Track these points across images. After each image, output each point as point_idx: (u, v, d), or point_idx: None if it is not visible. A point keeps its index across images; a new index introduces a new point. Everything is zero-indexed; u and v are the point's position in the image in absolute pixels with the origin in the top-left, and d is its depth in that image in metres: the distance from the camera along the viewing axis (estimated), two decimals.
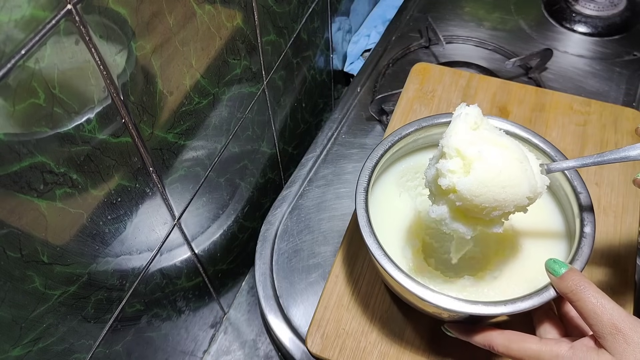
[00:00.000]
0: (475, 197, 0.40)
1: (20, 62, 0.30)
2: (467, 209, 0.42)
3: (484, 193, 0.40)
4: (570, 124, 0.65)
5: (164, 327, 0.57)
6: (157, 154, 0.47)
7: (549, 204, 0.53)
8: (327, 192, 0.69)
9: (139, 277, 0.49)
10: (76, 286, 0.40)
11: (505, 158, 0.41)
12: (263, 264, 0.63)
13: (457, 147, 0.41)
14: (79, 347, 0.43)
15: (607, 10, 0.89)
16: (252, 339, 0.71)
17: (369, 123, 0.76)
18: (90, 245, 0.41)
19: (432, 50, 0.86)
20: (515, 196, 0.41)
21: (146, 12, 0.40)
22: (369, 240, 0.46)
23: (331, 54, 0.89)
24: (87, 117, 0.36)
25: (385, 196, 0.54)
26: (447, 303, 0.43)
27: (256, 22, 0.58)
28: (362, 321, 0.53)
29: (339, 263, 0.57)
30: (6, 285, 0.34)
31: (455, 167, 0.41)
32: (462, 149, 0.41)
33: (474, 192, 0.40)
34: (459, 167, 0.41)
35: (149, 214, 0.48)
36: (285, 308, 0.60)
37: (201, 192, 0.57)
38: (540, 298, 0.42)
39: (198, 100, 0.51)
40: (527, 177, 0.41)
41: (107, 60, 0.37)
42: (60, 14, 0.32)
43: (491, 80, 0.70)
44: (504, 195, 0.40)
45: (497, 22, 0.89)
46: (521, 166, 0.41)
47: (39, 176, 0.34)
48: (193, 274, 0.61)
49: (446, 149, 0.42)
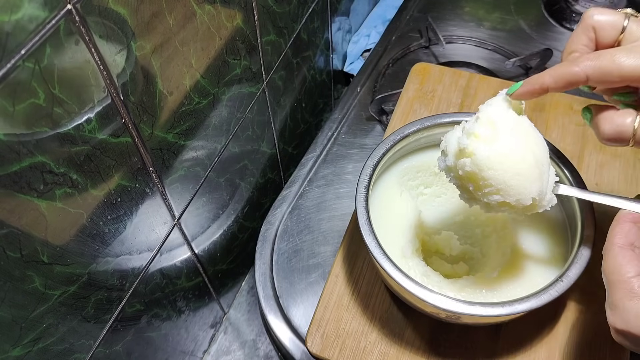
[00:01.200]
0: (488, 170, 0.39)
1: (20, 62, 0.30)
2: (469, 180, 0.41)
3: (497, 170, 0.39)
4: (570, 124, 0.65)
5: (164, 327, 0.57)
6: (157, 154, 0.47)
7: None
8: (327, 192, 0.69)
9: (139, 277, 0.49)
10: (76, 286, 0.40)
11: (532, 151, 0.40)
12: (263, 264, 0.63)
13: (493, 117, 0.40)
14: (79, 347, 0.43)
15: None
16: (252, 339, 0.71)
17: (369, 123, 0.76)
18: (90, 245, 0.41)
19: (432, 50, 0.86)
20: (523, 190, 0.40)
21: (146, 12, 0.40)
22: (369, 240, 0.46)
23: (331, 54, 0.89)
24: (87, 117, 0.37)
25: (386, 195, 0.54)
26: (445, 303, 0.43)
27: (256, 22, 0.58)
28: (362, 321, 0.53)
29: (339, 263, 0.57)
30: (6, 285, 0.34)
31: (483, 133, 0.40)
32: (496, 120, 0.40)
33: (489, 164, 0.39)
34: (486, 136, 0.40)
35: (149, 214, 0.48)
36: (285, 308, 0.60)
37: (201, 192, 0.57)
38: (538, 300, 0.43)
39: (198, 100, 0.51)
40: (542, 181, 0.41)
41: (107, 60, 0.37)
42: (60, 14, 0.32)
43: (491, 80, 0.70)
44: (514, 183, 0.39)
45: (497, 22, 0.89)
46: (541, 168, 0.41)
47: (39, 176, 0.34)
48: (193, 274, 0.61)
49: (481, 114, 0.41)
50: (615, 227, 0.39)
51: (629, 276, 0.36)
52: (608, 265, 0.37)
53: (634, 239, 0.38)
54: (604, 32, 0.39)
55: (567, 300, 0.53)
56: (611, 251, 0.38)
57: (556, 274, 0.45)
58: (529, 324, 0.52)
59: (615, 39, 0.39)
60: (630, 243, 0.38)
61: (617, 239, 0.38)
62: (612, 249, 0.38)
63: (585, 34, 0.40)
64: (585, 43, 0.40)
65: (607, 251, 0.38)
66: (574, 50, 0.40)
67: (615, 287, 0.36)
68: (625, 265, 0.36)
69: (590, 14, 0.39)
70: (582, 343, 0.51)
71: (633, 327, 0.35)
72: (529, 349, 0.51)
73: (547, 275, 0.48)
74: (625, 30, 0.38)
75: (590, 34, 0.40)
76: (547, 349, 0.51)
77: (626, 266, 0.36)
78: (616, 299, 0.36)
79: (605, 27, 0.39)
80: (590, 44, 0.40)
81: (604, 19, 0.39)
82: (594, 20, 0.39)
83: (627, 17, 0.38)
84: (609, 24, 0.39)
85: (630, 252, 0.37)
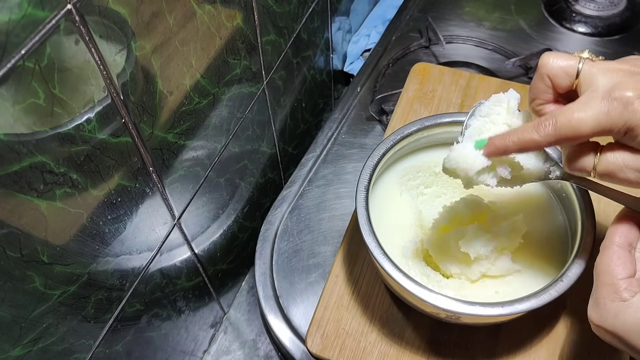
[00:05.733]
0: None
1: (20, 62, 0.30)
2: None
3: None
4: None
5: (164, 327, 0.57)
6: (157, 154, 0.47)
7: (549, 206, 0.54)
8: (327, 192, 0.69)
9: (139, 277, 0.49)
10: (76, 286, 0.40)
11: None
12: (263, 264, 0.63)
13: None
14: (79, 347, 0.43)
15: (607, 10, 0.89)
16: (252, 339, 0.71)
17: (369, 123, 0.76)
18: (90, 245, 0.41)
19: (432, 50, 0.86)
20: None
21: (146, 12, 0.40)
22: (368, 239, 0.46)
23: (331, 54, 0.89)
24: (87, 117, 0.37)
25: (386, 195, 0.54)
26: (445, 303, 0.43)
27: (256, 22, 0.58)
28: (362, 321, 0.53)
29: (339, 263, 0.57)
30: (6, 285, 0.34)
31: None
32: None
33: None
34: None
35: (149, 214, 0.48)
36: (285, 308, 0.60)
37: (201, 192, 0.57)
38: (538, 300, 0.43)
39: (198, 100, 0.51)
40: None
41: (107, 60, 0.37)
42: (60, 14, 0.32)
43: (491, 80, 0.70)
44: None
45: (497, 22, 0.89)
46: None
47: (39, 176, 0.34)
48: (193, 273, 0.61)
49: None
50: (617, 225, 0.39)
51: (619, 278, 0.37)
52: (601, 262, 0.38)
53: (633, 240, 0.39)
54: (558, 80, 0.39)
55: (567, 300, 0.53)
56: (609, 249, 0.38)
57: (556, 274, 0.45)
58: (529, 324, 0.52)
59: (570, 84, 0.39)
60: (628, 243, 0.38)
61: (617, 238, 0.38)
62: (610, 247, 0.38)
63: (542, 82, 0.40)
64: (544, 90, 0.40)
65: (605, 248, 0.38)
66: (535, 97, 0.41)
67: (602, 286, 0.37)
68: (617, 266, 0.37)
69: (544, 62, 0.40)
70: (582, 343, 0.51)
71: (609, 325, 0.36)
72: (529, 349, 0.51)
73: (547, 275, 0.48)
74: (580, 75, 0.38)
75: (546, 81, 0.40)
76: (547, 349, 0.51)
77: (618, 267, 0.37)
78: (600, 297, 0.37)
79: (559, 74, 0.39)
80: (548, 90, 0.40)
81: (557, 66, 0.39)
82: (548, 69, 0.39)
83: (581, 61, 0.38)
84: (563, 70, 0.39)
85: (626, 253, 0.38)
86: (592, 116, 0.35)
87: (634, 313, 0.35)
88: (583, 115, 0.36)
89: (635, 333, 0.35)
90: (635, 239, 0.39)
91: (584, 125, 0.36)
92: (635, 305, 0.35)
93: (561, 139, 0.37)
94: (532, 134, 0.38)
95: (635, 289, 0.36)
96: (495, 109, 0.43)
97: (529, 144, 0.38)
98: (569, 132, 0.36)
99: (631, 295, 0.36)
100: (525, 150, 0.40)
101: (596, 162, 0.37)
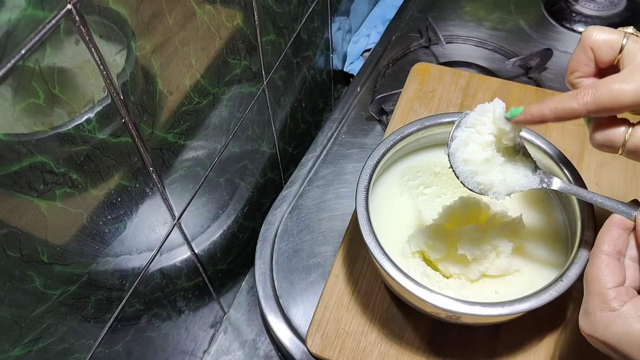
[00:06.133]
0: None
1: (20, 62, 0.30)
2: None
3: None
4: (571, 124, 0.65)
5: (164, 327, 0.57)
6: (157, 154, 0.47)
7: (549, 205, 0.54)
8: (327, 192, 0.69)
9: (139, 277, 0.49)
10: (76, 286, 0.40)
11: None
12: (263, 263, 0.63)
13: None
14: (79, 347, 0.43)
15: (607, 10, 0.89)
16: (252, 339, 0.71)
17: (369, 123, 0.76)
18: (90, 245, 0.41)
19: (432, 50, 0.86)
20: None
21: (146, 12, 0.40)
22: (368, 239, 0.46)
23: (331, 54, 0.89)
24: (87, 117, 0.37)
25: (386, 195, 0.54)
26: (445, 303, 0.43)
27: (256, 22, 0.58)
28: (362, 321, 0.53)
29: (339, 263, 0.57)
30: (6, 285, 0.34)
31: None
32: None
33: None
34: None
35: (149, 214, 0.48)
36: (285, 308, 0.60)
37: (201, 192, 0.57)
38: (538, 300, 0.43)
39: (198, 100, 0.51)
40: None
41: (107, 60, 0.37)
42: (60, 14, 0.32)
43: (491, 80, 0.70)
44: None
45: (497, 22, 0.89)
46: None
47: (39, 176, 0.34)
48: (193, 273, 0.61)
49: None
50: (605, 233, 0.39)
51: (607, 287, 0.36)
52: (590, 272, 0.38)
53: (622, 247, 0.38)
54: (601, 53, 0.39)
55: (567, 300, 0.53)
56: (597, 257, 0.38)
57: (556, 274, 0.45)
58: (529, 324, 0.52)
59: (613, 58, 0.39)
60: (617, 251, 0.38)
61: (605, 246, 0.38)
62: (598, 256, 0.38)
63: (584, 54, 0.40)
64: (585, 62, 0.40)
65: (593, 257, 0.38)
66: (574, 70, 0.41)
67: (592, 295, 0.37)
68: (606, 276, 0.37)
69: (588, 34, 0.39)
70: (582, 343, 0.51)
71: (600, 335, 0.36)
72: (529, 349, 0.51)
73: (547, 275, 0.48)
74: (624, 50, 0.38)
75: (588, 53, 0.40)
76: (547, 349, 0.51)
77: (607, 276, 0.37)
78: (590, 306, 0.37)
79: (602, 47, 0.39)
80: (589, 63, 0.40)
81: (601, 39, 0.39)
82: (592, 41, 0.39)
83: (626, 36, 0.38)
84: (607, 43, 0.39)
85: (614, 262, 0.37)
86: (635, 88, 0.35)
87: (623, 323, 0.35)
88: (625, 86, 0.36)
89: (626, 343, 0.35)
90: (624, 245, 0.39)
91: (625, 97, 0.36)
92: (624, 314, 0.35)
93: (599, 108, 0.36)
94: (571, 103, 0.37)
95: (625, 298, 0.36)
96: (480, 119, 0.43)
97: (567, 112, 0.38)
98: (608, 101, 0.36)
99: (620, 305, 0.36)
100: (562, 119, 0.39)
101: (627, 138, 0.37)
